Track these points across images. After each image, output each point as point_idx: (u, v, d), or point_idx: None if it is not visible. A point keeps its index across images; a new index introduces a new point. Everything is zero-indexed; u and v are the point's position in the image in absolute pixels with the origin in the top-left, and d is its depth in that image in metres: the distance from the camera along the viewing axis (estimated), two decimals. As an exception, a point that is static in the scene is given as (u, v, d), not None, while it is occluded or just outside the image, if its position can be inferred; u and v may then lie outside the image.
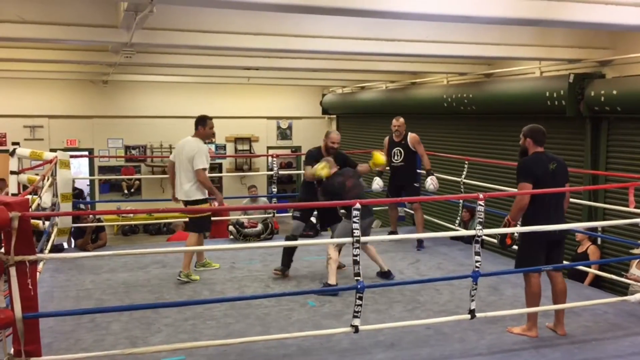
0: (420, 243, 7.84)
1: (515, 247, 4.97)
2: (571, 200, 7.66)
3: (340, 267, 6.37)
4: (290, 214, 10.98)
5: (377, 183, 8.08)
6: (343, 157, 6.66)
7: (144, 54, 8.84)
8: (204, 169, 6.34)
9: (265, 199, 11.06)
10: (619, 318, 5.22)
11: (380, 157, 6.75)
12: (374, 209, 10.35)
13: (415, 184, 7.97)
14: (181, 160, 6.40)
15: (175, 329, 4.97)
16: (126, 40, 6.54)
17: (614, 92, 7.62)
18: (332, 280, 5.91)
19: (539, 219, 4.73)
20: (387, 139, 8.09)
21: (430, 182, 7.71)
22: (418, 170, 8.16)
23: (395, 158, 7.86)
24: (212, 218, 11.41)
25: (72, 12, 6.27)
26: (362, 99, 14.73)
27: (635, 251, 6.65)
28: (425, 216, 8.43)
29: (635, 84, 7.45)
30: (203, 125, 6.50)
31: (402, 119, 7.93)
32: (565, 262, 7.18)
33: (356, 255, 4.24)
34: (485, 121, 10.66)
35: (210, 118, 6.57)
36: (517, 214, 4.74)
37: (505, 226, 4.75)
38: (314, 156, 6.56)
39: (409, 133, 7.89)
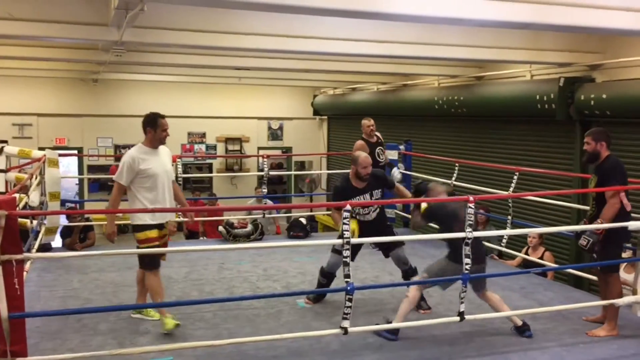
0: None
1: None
2: (561, 203, 7.74)
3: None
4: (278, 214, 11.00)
5: (399, 172, 8.18)
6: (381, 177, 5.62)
7: (134, 52, 8.79)
8: (118, 183, 4.96)
9: (269, 200, 10.88)
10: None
11: None
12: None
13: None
14: None
15: (163, 329, 4.94)
16: (116, 39, 6.50)
17: (604, 96, 7.66)
18: (398, 320, 4.75)
19: (627, 219, 4.84)
20: (361, 143, 7.51)
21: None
22: None
23: (381, 158, 7.77)
24: (208, 218, 10.97)
25: (62, 10, 6.23)
26: (353, 100, 14.74)
27: (624, 255, 6.68)
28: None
29: (625, 88, 7.51)
30: (153, 127, 5.02)
31: (372, 119, 7.88)
32: (555, 265, 7.25)
33: (346, 257, 4.23)
34: (476, 124, 10.70)
35: (163, 117, 5.10)
36: (613, 216, 4.75)
37: (598, 229, 4.76)
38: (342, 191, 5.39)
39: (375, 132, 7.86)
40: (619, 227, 4.78)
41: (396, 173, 8.17)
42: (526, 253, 7.45)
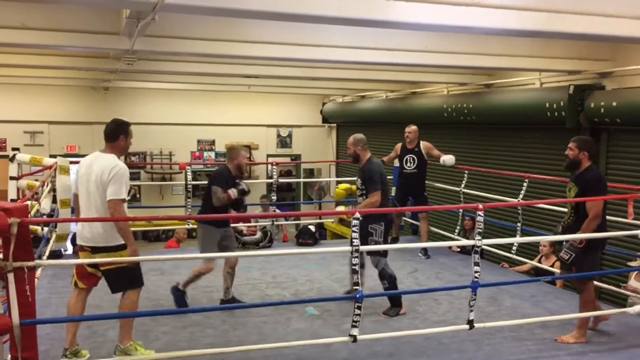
0: (426, 251, 7.84)
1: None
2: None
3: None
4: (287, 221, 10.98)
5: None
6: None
7: (145, 61, 8.85)
8: (124, 200, 4.37)
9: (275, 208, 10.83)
10: (618, 329, 5.21)
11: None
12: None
13: (424, 193, 7.94)
14: (89, 187, 4.42)
15: (173, 336, 4.96)
16: (128, 47, 6.55)
17: (614, 103, 7.63)
18: (184, 282, 5.73)
19: (604, 229, 4.89)
20: (399, 145, 8.07)
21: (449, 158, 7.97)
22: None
23: (408, 165, 7.84)
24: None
25: (74, 19, 6.28)
26: (363, 108, 14.75)
27: (634, 263, 6.65)
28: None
29: (635, 95, 7.47)
30: (126, 135, 4.49)
31: (414, 126, 7.97)
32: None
33: (355, 265, 4.23)
34: (485, 131, 10.68)
35: (130, 124, 4.59)
36: (596, 227, 4.76)
37: (580, 242, 4.75)
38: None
39: (421, 141, 7.92)
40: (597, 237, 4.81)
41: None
42: (539, 261, 7.42)
